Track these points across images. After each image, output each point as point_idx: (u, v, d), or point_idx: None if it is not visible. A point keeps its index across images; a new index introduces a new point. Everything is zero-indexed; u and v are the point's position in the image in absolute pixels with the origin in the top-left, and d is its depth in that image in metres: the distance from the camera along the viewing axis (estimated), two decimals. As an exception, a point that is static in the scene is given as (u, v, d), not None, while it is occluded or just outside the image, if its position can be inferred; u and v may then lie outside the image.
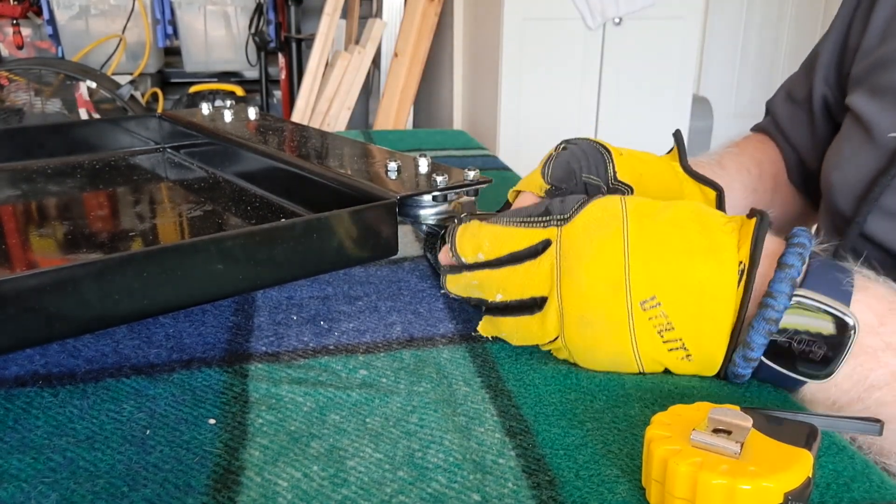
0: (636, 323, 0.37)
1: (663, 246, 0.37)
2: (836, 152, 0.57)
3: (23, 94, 1.89)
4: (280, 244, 0.40)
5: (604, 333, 0.37)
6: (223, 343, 0.42)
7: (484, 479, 0.31)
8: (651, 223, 0.37)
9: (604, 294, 0.37)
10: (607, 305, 0.37)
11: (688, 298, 0.36)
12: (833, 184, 0.56)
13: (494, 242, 0.40)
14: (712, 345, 0.37)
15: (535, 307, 0.39)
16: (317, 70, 2.31)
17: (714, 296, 0.36)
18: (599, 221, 0.38)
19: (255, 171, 0.61)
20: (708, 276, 0.36)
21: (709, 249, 0.36)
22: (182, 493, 0.30)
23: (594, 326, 0.37)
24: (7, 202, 0.60)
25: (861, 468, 0.32)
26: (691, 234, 0.37)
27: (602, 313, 0.37)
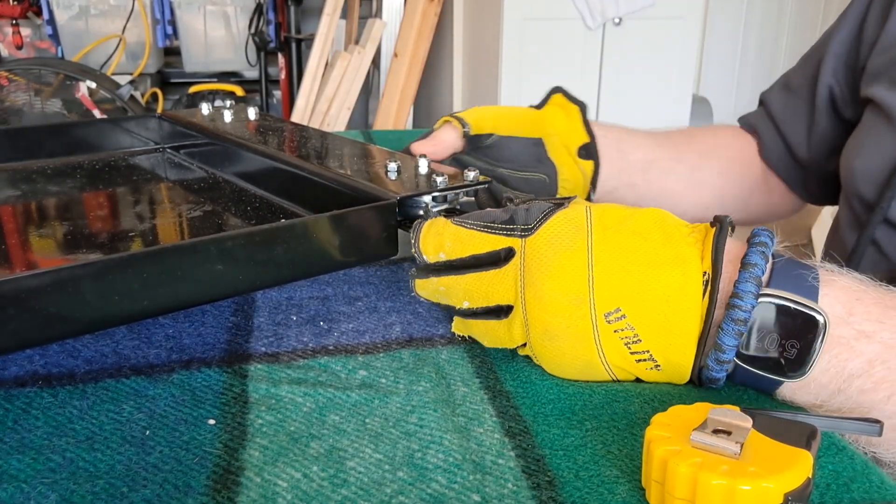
0: (601, 335, 0.37)
1: (627, 258, 0.36)
2: (857, 141, 0.58)
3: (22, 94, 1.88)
4: (280, 245, 0.40)
5: (569, 346, 0.37)
6: (223, 343, 0.42)
7: (483, 479, 0.31)
8: (615, 235, 0.37)
9: (567, 307, 0.37)
10: (571, 318, 0.37)
11: (653, 310, 0.36)
12: (855, 171, 0.56)
13: (456, 244, 0.40)
14: (680, 355, 0.36)
15: (501, 313, 0.39)
16: (317, 70, 2.31)
17: (680, 307, 0.36)
18: (563, 234, 0.37)
19: (254, 172, 0.61)
20: (673, 287, 0.36)
21: (673, 260, 0.36)
22: (182, 493, 0.30)
23: (559, 339, 0.37)
24: (7, 202, 0.60)
25: (861, 468, 0.32)
26: (655, 245, 0.37)
27: (566, 326, 0.37)
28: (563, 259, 0.37)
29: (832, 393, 0.36)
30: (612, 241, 0.37)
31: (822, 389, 0.36)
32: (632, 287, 0.36)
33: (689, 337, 0.36)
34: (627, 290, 0.36)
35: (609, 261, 0.37)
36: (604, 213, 0.38)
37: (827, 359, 0.35)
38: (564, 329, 0.37)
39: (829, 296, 0.36)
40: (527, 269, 0.38)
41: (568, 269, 0.37)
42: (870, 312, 0.36)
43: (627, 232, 0.37)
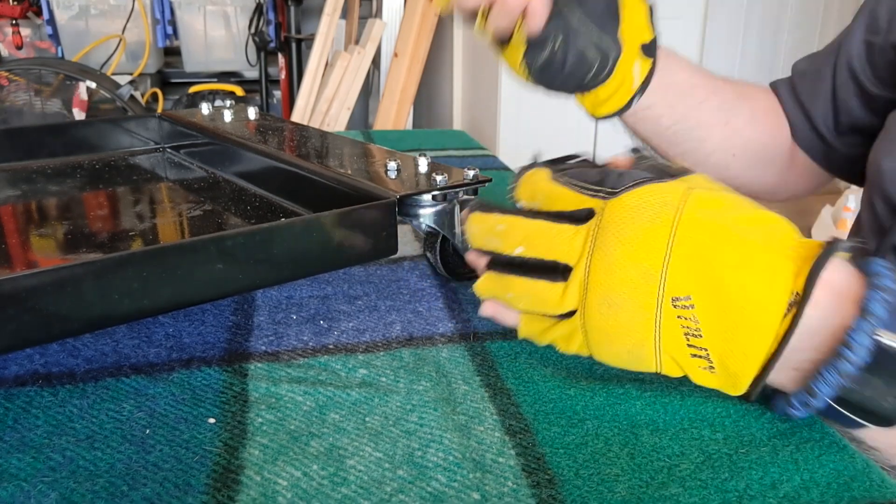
0: (663, 317, 0.34)
1: (714, 249, 0.34)
2: (887, 140, 0.55)
3: (23, 95, 1.89)
4: (280, 244, 0.40)
5: (627, 319, 0.35)
6: (223, 342, 0.42)
7: (483, 477, 0.31)
8: (709, 222, 0.34)
9: (635, 279, 0.34)
10: (636, 291, 0.34)
11: (725, 312, 0.33)
12: (884, 171, 0.53)
13: (546, 198, 0.38)
14: (740, 368, 0.34)
15: (556, 273, 0.36)
16: (317, 70, 2.31)
17: (755, 317, 0.33)
18: (648, 205, 0.35)
19: (254, 171, 0.61)
20: (753, 295, 0.33)
21: (763, 268, 0.33)
22: (182, 492, 0.30)
23: (618, 310, 0.35)
24: (7, 202, 0.60)
25: (861, 467, 0.32)
26: (751, 247, 0.34)
27: (629, 297, 0.34)
28: (642, 229, 0.34)
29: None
30: (704, 228, 0.34)
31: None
32: (709, 280, 0.33)
33: (757, 352, 0.33)
34: (704, 282, 0.33)
35: (693, 246, 0.34)
36: (705, 199, 0.35)
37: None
38: (626, 300, 0.34)
39: None
40: (601, 230, 0.35)
41: (645, 240, 0.34)
42: None
43: (724, 224, 0.34)
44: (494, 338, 0.44)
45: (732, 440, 0.34)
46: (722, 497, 0.30)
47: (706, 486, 0.31)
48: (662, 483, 0.31)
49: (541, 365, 0.40)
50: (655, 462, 0.32)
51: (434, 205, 0.48)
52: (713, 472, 0.32)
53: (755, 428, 0.35)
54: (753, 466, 0.32)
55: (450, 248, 0.51)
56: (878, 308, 0.31)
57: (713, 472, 0.32)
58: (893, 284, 0.32)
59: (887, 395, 0.31)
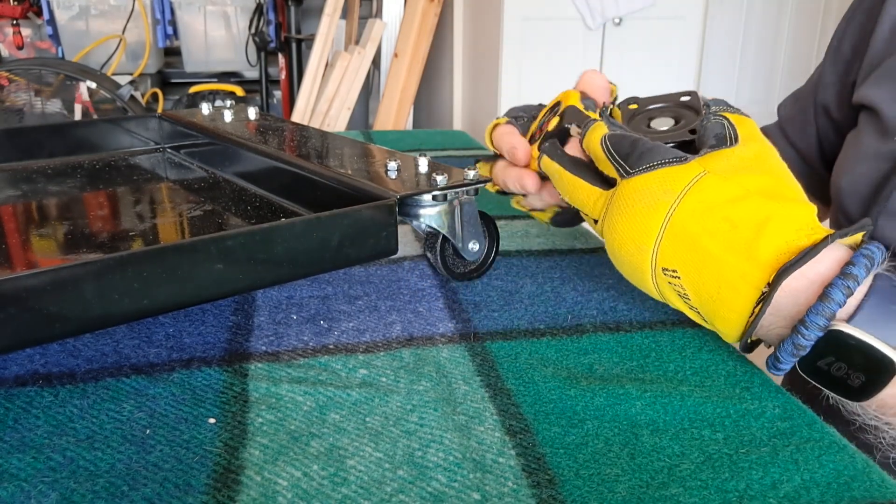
0: (658, 278, 0.40)
1: (702, 235, 0.38)
2: (844, 157, 0.57)
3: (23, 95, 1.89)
4: (280, 244, 0.40)
5: (629, 269, 0.42)
6: (223, 342, 0.42)
7: (484, 477, 0.31)
8: (704, 211, 0.38)
9: (632, 249, 0.40)
10: (634, 257, 0.41)
11: (705, 288, 0.38)
12: (842, 189, 0.56)
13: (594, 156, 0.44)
14: (723, 331, 0.39)
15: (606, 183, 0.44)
16: (317, 70, 2.31)
17: (731, 302, 0.37)
18: (650, 190, 0.39)
19: (255, 171, 0.61)
20: (729, 282, 0.37)
21: (745, 260, 0.36)
22: (182, 492, 0.30)
23: (621, 259, 0.42)
24: (7, 202, 0.60)
25: (862, 467, 0.32)
26: (741, 238, 0.37)
27: (629, 260, 0.41)
28: (641, 212, 0.39)
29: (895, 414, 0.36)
30: (696, 215, 0.38)
31: (886, 408, 0.36)
32: (693, 261, 0.38)
33: (734, 324, 0.38)
34: (688, 261, 0.38)
35: (683, 230, 0.38)
36: (709, 186, 0.38)
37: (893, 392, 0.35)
38: (628, 259, 0.41)
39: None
40: (612, 204, 0.41)
41: (642, 221, 0.39)
42: None
43: (720, 214, 0.38)
44: (495, 338, 0.44)
45: (733, 440, 0.34)
46: (722, 497, 0.30)
47: (706, 486, 0.31)
48: (663, 483, 0.31)
49: (541, 365, 0.40)
50: (656, 462, 0.32)
51: (434, 205, 0.48)
52: (713, 473, 0.32)
53: (755, 428, 0.35)
54: (754, 466, 0.32)
55: (450, 248, 0.51)
56: (836, 293, 0.35)
57: (713, 473, 0.32)
58: (861, 271, 0.35)
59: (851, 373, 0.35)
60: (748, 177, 0.39)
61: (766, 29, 2.66)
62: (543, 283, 0.52)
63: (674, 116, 0.47)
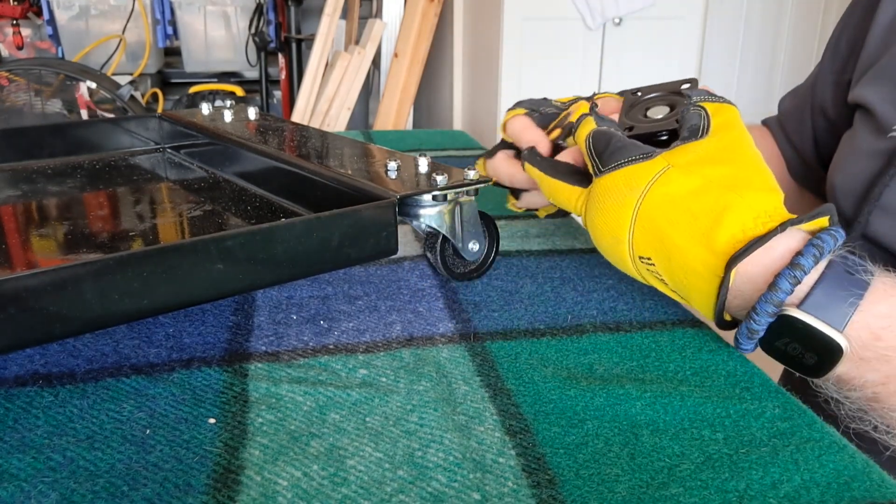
0: (637, 265, 0.42)
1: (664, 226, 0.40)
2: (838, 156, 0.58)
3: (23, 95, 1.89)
4: (280, 244, 0.40)
5: (613, 258, 0.44)
6: (223, 342, 0.42)
7: (484, 477, 0.31)
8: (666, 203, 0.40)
9: (610, 241, 0.43)
10: (612, 247, 0.43)
11: (676, 274, 0.40)
12: (836, 186, 0.56)
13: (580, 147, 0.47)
14: (698, 308, 0.41)
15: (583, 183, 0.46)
16: (317, 70, 2.31)
17: (696, 286, 0.40)
18: (617, 188, 0.42)
19: (255, 171, 0.61)
20: (693, 271, 0.39)
21: (705, 251, 0.38)
22: (182, 492, 0.30)
23: (604, 248, 0.44)
24: (7, 202, 0.60)
25: (861, 467, 0.32)
26: (700, 228, 0.39)
27: (610, 248, 0.43)
28: (612, 208, 0.42)
29: (851, 387, 0.38)
30: (661, 208, 0.40)
31: (841, 383, 0.38)
32: (662, 250, 0.40)
33: (704, 304, 0.40)
34: (658, 250, 0.40)
35: (649, 221, 0.40)
36: (671, 180, 0.40)
37: (846, 367, 0.37)
38: (609, 250, 0.44)
39: (859, 323, 0.36)
40: (589, 200, 0.44)
41: (614, 215, 0.42)
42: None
43: (682, 205, 0.39)
44: (495, 338, 0.44)
45: (733, 440, 0.34)
46: (722, 497, 0.30)
47: (706, 486, 0.31)
48: (663, 483, 0.31)
49: (541, 365, 0.41)
50: (656, 462, 0.32)
51: (434, 205, 0.48)
52: (713, 473, 0.32)
53: (755, 428, 0.35)
54: (754, 466, 0.32)
55: (450, 248, 0.51)
56: (784, 283, 0.36)
57: (713, 473, 0.32)
58: (809, 262, 0.36)
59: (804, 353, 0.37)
60: (711, 168, 0.40)
61: (766, 29, 2.66)
62: (543, 283, 0.52)
63: (669, 104, 0.49)
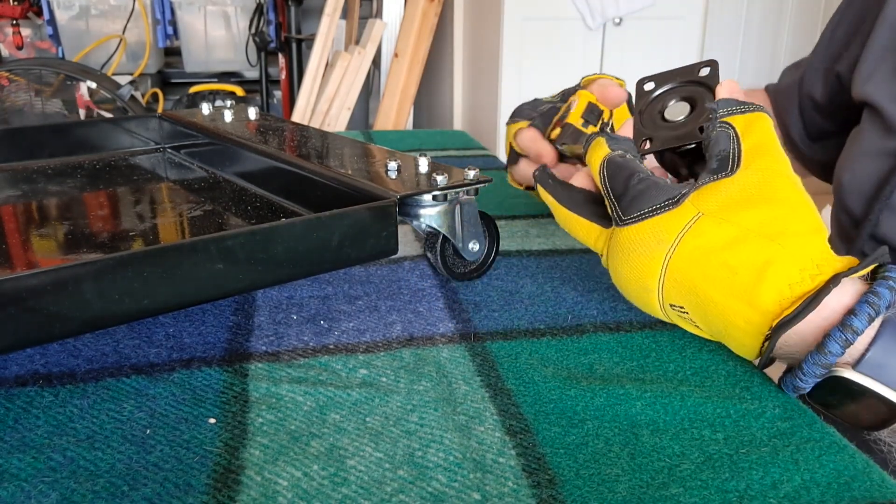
0: (668, 311, 0.41)
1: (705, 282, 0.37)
2: (846, 156, 0.57)
3: (23, 95, 1.89)
4: (280, 244, 0.40)
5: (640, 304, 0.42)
6: (223, 342, 0.42)
7: (484, 477, 0.31)
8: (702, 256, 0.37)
9: (639, 290, 0.41)
10: (640, 295, 0.41)
11: (715, 328, 0.39)
12: (843, 185, 0.56)
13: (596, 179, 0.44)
14: (740, 353, 0.40)
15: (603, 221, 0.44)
16: (317, 70, 2.31)
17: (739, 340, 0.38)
18: (644, 242, 0.39)
19: (255, 171, 0.61)
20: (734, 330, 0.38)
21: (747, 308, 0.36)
22: (182, 492, 0.30)
23: (629, 292, 0.42)
24: (7, 202, 0.60)
25: (862, 467, 0.32)
26: (742, 283, 0.36)
27: (636, 297, 0.42)
28: (638, 261, 0.40)
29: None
30: (694, 262, 0.38)
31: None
32: (697, 304, 0.38)
33: (746, 355, 0.39)
34: (692, 304, 0.39)
35: (681, 275, 0.38)
36: (703, 231, 0.38)
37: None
38: (635, 296, 0.42)
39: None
40: (611, 247, 0.42)
41: (642, 267, 0.40)
42: None
43: (718, 259, 0.37)
44: (495, 338, 0.44)
45: (733, 440, 0.34)
46: (722, 497, 0.30)
47: (707, 486, 0.31)
48: (663, 483, 0.31)
49: (541, 365, 0.41)
50: (656, 462, 0.32)
51: (434, 205, 0.48)
52: (714, 473, 0.32)
53: (755, 428, 0.35)
54: (754, 466, 0.32)
55: (450, 248, 0.51)
56: (833, 346, 0.34)
57: (714, 473, 0.32)
58: (862, 323, 0.34)
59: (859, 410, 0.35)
60: (747, 213, 0.37)
61: (766, 29, 2.66)
62: (543, 283, 0.52)
63: (689, 98, 0.45)
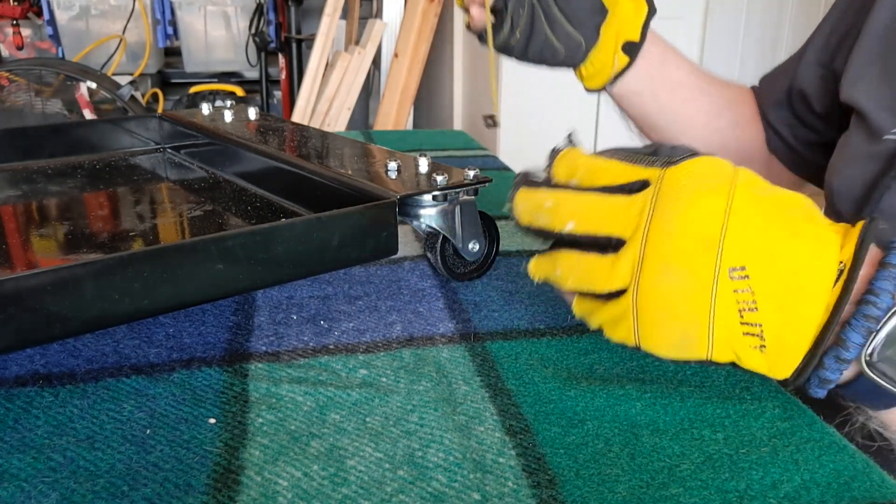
0: (719, 291, 0.33)
1: (767, 219, 0.34)
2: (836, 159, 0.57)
3: (23, 95, 1.89)
4: (280, 244, 0.40)
5: (683, 290, 0.34)
6: (223, 342, 0.42)
7: (484, 478, 0.31)
8: (759, 194, 0.35)
9: (694, 247, 0.34)
10: (695, 260, 0.33)
11: (779, 280, 0.33)
12: (834, 190, 0.55)
13: (589, 172, 0.37)
14: (793, 339, 0.33)
15: (608, 247, 0.36)
16: (317, 70, 2.31)
17: (808, 286, 0.33)
18: (707, 173, 0.35)
19: (255, 171, 0.61)
20: (807, 262, 0.33)
21: (813, 237, 0.34)
22: (182, 492, 0.30)
23: (676, 278, 0.34)
24: (7, 202, 0.60)
25: (861, 467, 0.32)
26: (797, 219, 0.34)
27: (687, 267, 0.34)
28: (703, 196, 0.34)
29: None
30: (754, 199, 0.34)
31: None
32: (765, 248, 0.33)
33: (810, 320, 0.33)
34: (759, 250, 0.33)
35: (748, 215, 0.34)
36: (749, 174, 0.36)
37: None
38: (684, 269, 0.34)
39: None
40: (660, 197, 0.35)
41: (705, 207, 0.34)
42: None
43: (772, 198, 0.35)
44: (495, 338, 0.44)
45: (733, 440, 0.34)
46: (722, 497, 0.30)
47: (707, 486, 0.31)
48: (663, 483, 0.31)
49: (541, 366, 0.41)
50: (656, 462, 0.32)
51: (434, 205, 0.48)
52: (714, 473, 0.32)
53: (755, 428, 0.35)
54: (754, 467, 0.32)
55: (450, 249, 0.51)
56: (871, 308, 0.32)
57: (714, 473, 0.32)
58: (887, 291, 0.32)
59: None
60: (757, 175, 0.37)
61: (766, 29, 2.66)
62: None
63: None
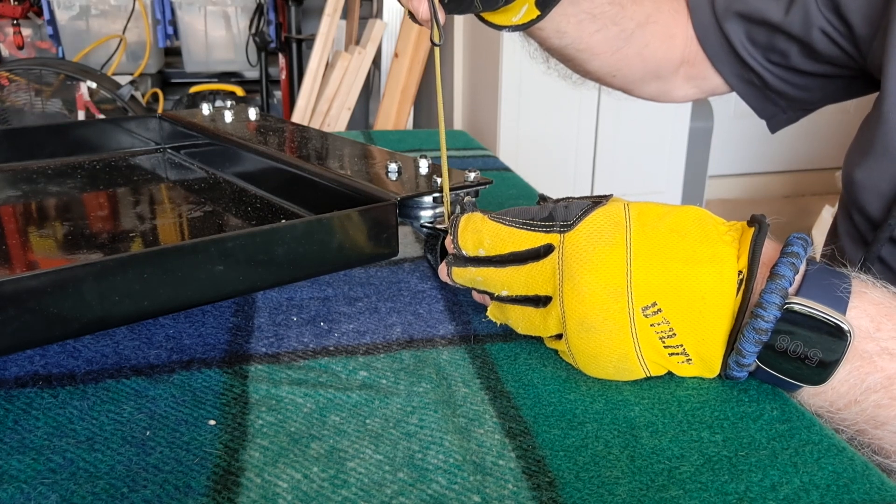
0: (638, 329, 0.37)
1: (665, 254, 0.37)
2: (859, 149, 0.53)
3: (23, 95, 1.89)
4: (280, 245, 0.40)
5: (606, 338, 0.37)
6: (223, 344, 0.42)
7: (484, 480, 0.31)
8: (653, 231, 0.38)
9: (605, 300, 0.37)
10: (609, 312, 0.37)
11: (689, 306, 0.36)
12: (857, 183, 0.52)
13: (495, 240, 0.40)
14: (711, 351, 0.37)
15: (539, 302, 0.40)
16: (317, 70, 2.31)
17: (714, 304, 0.36)
18: (602, 230, 0.38)
19: (255, 172, 0.61)
20: (708, 284, 0.36)
21: (710, 259, 0.36)
22: (182, 494, 0.30)
23: (596, 332, 0.37)
24: (7, 202, 0.60)
25: (861, 469, 0.32)
26: (693, 242, 0.37)
27: (604, 319, 0.37)
28: (602, 253, 0.37)
29: (848, 403, 0.36)
30: (651, 238, 0.37)
31: (839, 398, 0.36)
32: (669, 282, 0.36)
33: (720, 332, 0.37)
34: (664, 286, 0.36)
35: (647, 256, 0.37)
36: (642, 211, 0.39)
37: (847, 370, 0.36)
38: (602, 322, 0.37)
39: (857, 308, 0.36)
40: (566, 262, 0.38)
41: (607, 263, 0.37)
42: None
43: (665, 230, 0.38)
44: (495, 340, 0.44)
45: (732, 443, 0.34)
46: (722, 499, 0.30)
47: (706, 488, 0.31)
48: (662, 486, 0.31)
49: (541, 367, 0.41)
50: (655, 465, 0.32)
51: (435, 206, 0.48)
52: (713, 475, 0.32)
53: (754, 430, 0.35)
54: (753, 469, 0.32)
55: (450, 250, 0.51)
56: (784, 269, 0.35)
57: (713, 475, 0.32)
58: (801, 249, 0.36)
59: (808, 350, 0.35)
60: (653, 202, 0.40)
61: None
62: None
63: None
